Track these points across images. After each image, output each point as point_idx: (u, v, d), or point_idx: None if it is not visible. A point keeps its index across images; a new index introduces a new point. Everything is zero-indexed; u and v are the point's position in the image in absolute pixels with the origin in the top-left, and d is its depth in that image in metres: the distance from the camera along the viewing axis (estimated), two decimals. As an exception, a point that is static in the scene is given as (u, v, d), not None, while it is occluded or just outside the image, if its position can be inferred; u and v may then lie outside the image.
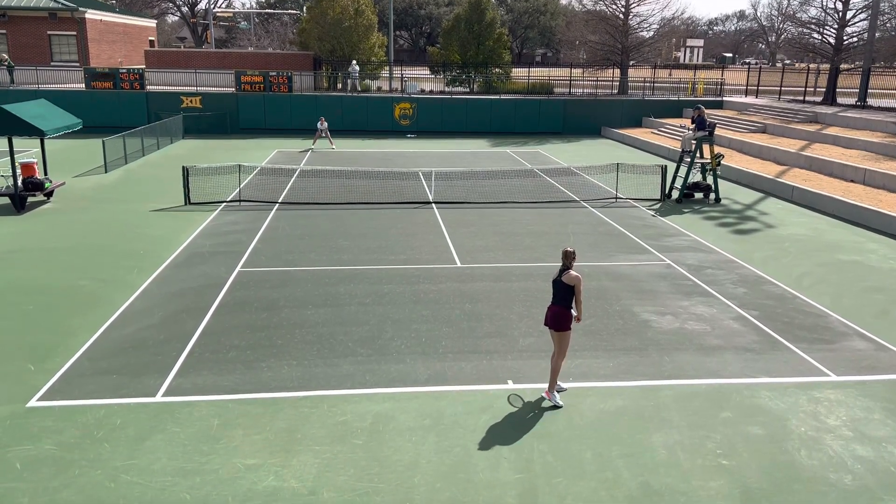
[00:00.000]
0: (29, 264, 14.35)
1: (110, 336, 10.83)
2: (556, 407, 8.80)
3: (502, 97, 40.94)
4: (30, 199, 19.62)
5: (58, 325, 11.25)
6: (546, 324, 8.93)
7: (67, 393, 9.00)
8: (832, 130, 29.17)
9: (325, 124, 32.62)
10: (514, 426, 8.38)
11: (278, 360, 10.05)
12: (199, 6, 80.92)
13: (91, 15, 46.32)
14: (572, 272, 8.67)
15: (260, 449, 7.82)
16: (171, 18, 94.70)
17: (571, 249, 8.80)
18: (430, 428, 8.32)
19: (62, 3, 45.03)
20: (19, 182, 19.07)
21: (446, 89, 45.46)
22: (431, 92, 44.14)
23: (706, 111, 22.72)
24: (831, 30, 38.51)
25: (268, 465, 7.52)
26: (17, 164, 19.11)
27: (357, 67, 41.69)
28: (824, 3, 39.63)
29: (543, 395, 9.02)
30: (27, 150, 26.76)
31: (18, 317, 11.57)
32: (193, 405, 8.74)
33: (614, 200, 21.42)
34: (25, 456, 7.62)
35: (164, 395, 9.00)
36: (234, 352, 10.29)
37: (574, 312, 8.82)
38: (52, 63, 44.61)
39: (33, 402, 8.76)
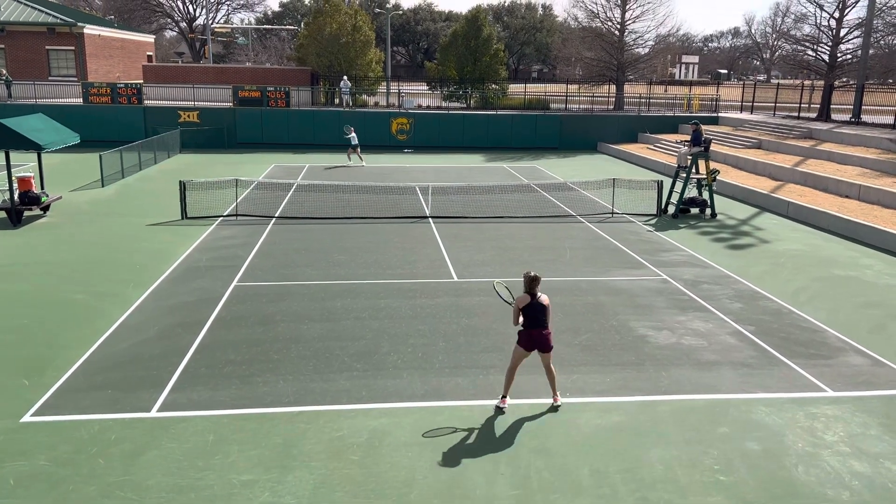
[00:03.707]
0: (24, 278, 14.31)
1: (105, 350, 10.78)
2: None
3: (499, 112, 41.12)
4: (26, 213, 19.60)
5: (53, 339, 11.21)
6: (541, 349, 8.95)
7: (62, 408, 8.95)
8: (827, 146, 29.33)
9: (353, 133, 31.97)
10: (510, 442, 8.35)
11: (274, 375, 10.02)
12: (197, 22, 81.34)
13: (89, 30, 46.53)
14: (542, 295, 8.90)
15: (255, 465, 7.78)
16: (169, 34, 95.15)
17: (532, 275, 8.87)
18: (427, 443, 8.29)
19: (61, 19, 45.25)
20: (16, 196, 19.06)
21: (443, 104, 45.66)
22: (428, 107, 44.34)
23: (702, 127, 22.82)
24: (825, 47, 38.84)
25: (263, 481, 7.47)
26: (13, 178, 19.12)
27: (349, 83, 41.88)
28: (818, 21, 39.99)
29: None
30: (24, 164, 26.76)
31: (13, 331, 11.52)
32: (189, 420, 8.70)
33: (611, 215, 21.47)
34: (19, 472, 7.56)
35: (160, 410, 8.95)
36: (229, 367, 10.25)
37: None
38: (50, 78, 44.74)
39: (27, 418, 8.71)
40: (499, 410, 9.06)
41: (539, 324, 8.85)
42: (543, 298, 8.87)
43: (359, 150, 31.98)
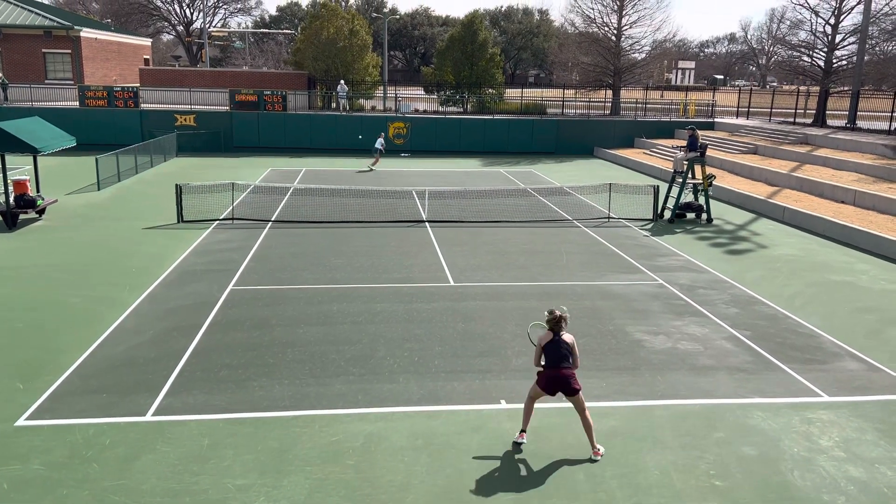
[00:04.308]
0: (19, 281, 14.26)
1: (101, 354, 10.75)
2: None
3: (496, 117, 41.18)
4: (21, 217, 19.55)
5: (48, 342, 11.17)
6: (564, 391, 8.00)
7: (56, 412, 8.92)
8: (822, 152, 29.43)
9: (381, 141, 32.83)
10: (506, 446, 8.34)
11: (270, 379, 10.00)
12: (194, 25, 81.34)
13: (86, 33, 46.49)
14: (566, 333, 8.09)
15: (250, 469, 7.76)
16: (166, 37, 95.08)
17: (558, 314, 8.04)
18: (423, 448, 8.27)
19: (57, 22, 45.21)
20: (11, 199, 19.02)
21: (440, 109, 45.71)
22: (425, 111, 44.38)
23: (699, 132, 22.88)
24: (821, 53, 39.00)
25: (258, 486, 7.45)
26: (9, 181, 19.07)
27: (345, 87, 41.92)
28: (814, 27, 40.16)
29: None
30: (20, 167, 26.71)
31: (8, 334, 11.48)
32: (184, 424, 8.67)
33: (607, 220, 21.50)
34: (13, 476, 7.52)
35: (155, 414, 8.92)
36: (225, 371, 10.23)
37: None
38: (47, 81, 44.71)
39: (21, 421, 8.67)
40: (515, 446, 8.32)
41: (558, 362, 7.95)
42: (567, 337, 8.05)
43: (378, 155, 32.64)
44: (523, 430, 8.46)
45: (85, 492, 7.27)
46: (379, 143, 32.78)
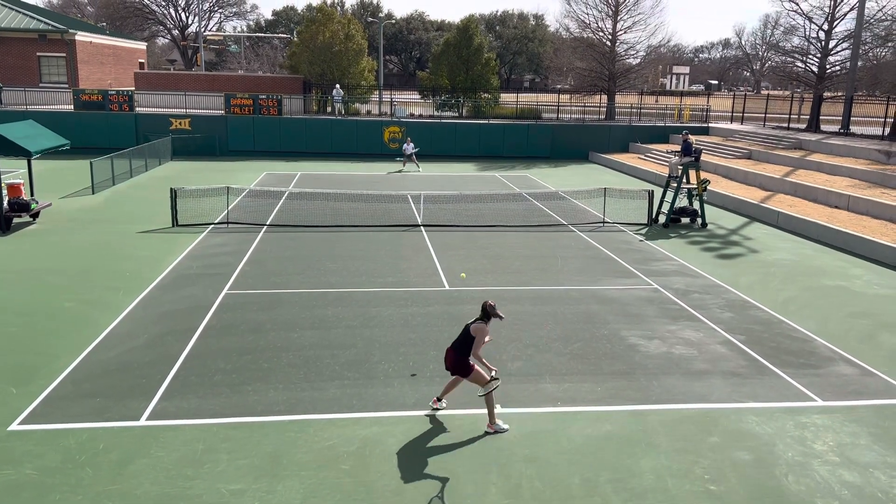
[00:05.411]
0: (13, 285, 14.21)
1: (95, 358, 10.71)
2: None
3: (491, 122, 41.23)
4: (15, 220, 19.48)
5: (41, 347, 11.12)
6: (447, 369, 8.94)
7: (50, 416, 8.88)
8: (816, 157, 29.54)
9: (411, 146, 33.86)
10: (501, 451, 8.33)
11: (264, 383, 9.97)
12: (189, 29, 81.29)
13: (81, 37, 46.42)
14: (480, 324, 8.70)
15: (245, 474, 7.73)
16: (161, 41, 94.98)
17: (492, 303, 8.78)
18: (418, 452, 8.26)
19: (52, 25, 45.14)
20: (5, 202, 18.96)
21: (435, 113, 45.75)
22: (421, 116, 44.41)
23: (693, 137, 22.97)
24: (814, 59, 39.19)
25: (253, 491, 7.43)
26: (3, 184, 19.01)
27: (341, 91, 41.93)
28: (808, 33, 40.41)
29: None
30: (14, 170, 26.62)
31: (1, 338, 11.43)
32: (178, 429, 8.64)
33: (602, 225, 21.54)
34: (6, 481, 7.49)
35: (149, 418, 8.90)
36: (219, 375, 10.20)
37: (472, 361, 8.79)
38: (41, 84, 44.59)
39: (15, 426, 8.63)
40: (432, 411, 9.24)
41: (453, 344, 8.91)
42: (474, 326, 8.72)
43: (414, 157, 33.80)
44: (438, 398, 9.31)
45: (79, 497, 7.24)
46: (406, 146, 33.89)
